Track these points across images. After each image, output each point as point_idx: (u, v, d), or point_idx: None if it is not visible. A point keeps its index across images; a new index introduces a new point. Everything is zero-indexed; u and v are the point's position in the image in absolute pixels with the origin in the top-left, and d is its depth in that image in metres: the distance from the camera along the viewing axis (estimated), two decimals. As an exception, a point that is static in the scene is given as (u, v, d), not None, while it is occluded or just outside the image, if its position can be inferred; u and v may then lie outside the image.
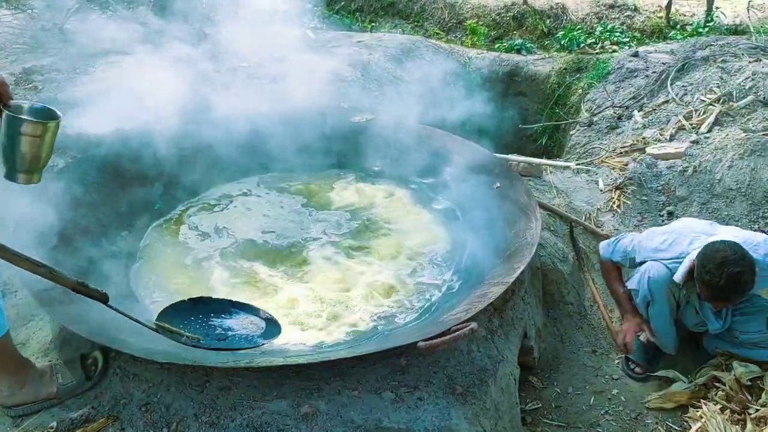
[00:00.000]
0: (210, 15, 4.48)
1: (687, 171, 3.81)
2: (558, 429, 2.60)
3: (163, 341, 2.04)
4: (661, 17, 7.18)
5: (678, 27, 7.01)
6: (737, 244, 2.39)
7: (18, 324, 2.40)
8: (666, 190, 3.80)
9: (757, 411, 2.44)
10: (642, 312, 2.73)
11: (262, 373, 2.08)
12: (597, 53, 6.24)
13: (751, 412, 2.46)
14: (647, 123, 4.53)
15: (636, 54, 5.50)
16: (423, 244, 3.11)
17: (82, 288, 1.84)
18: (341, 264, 2.94)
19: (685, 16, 7.25)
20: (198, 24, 4.41)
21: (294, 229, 3.21)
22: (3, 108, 1.74)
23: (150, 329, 2.00)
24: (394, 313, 2.65)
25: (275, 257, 2.98)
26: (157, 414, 1.99)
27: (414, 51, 5.85)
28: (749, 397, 2.53)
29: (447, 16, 7.81)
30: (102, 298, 1.89)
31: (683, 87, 4.74)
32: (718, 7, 6.97)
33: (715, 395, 2.58)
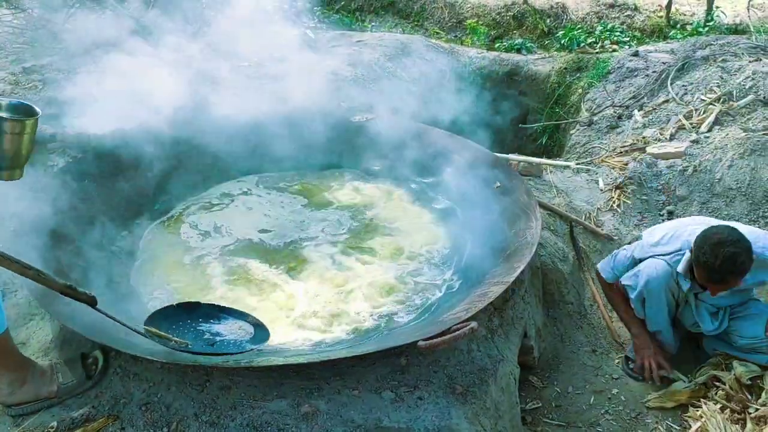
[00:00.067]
0: (210, 15, 4.48)
1: (687, 170, 3.81)
2: (558, 428, 2.60)
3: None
4: (662, 17, 7.18)
5: (678, 26, 7.02)
6: (735, 228, 2.40)
7: (18, 324, 2.40)
8: (666, 189, 3.80)
9: (757, 410, 2.44)
10: (636, 310, 2.72)
11: (262, 373, 2.08)
12: (597, 53, 6.24)
13: (751, 411, 2.45)
14: (647, 122, 4.53)
15: (636, 53, 5.51)
16: (423, 243, 3.11)
17: (70, 291, 1.84)
18: (341, 263, 2.94)
19: (685, 15, 7.25)
20: (198, 24, 4.41)
21: (294, 229, 3.21)
22: None
23: (138, 333, 2.00)
24: (394, 313, 2.65)
25: (275, 256, 2.98)
26: (158, 413, 1.99)
27: (414, 50, 5.85)
28: (749, 397, 2.52)
29: (447, 15, 7.81)
30: (90, 301, 1.88)
31: (683, 86, 4.74)
32: (718, 7, 6.97)
33: (715, 394, 2.57)
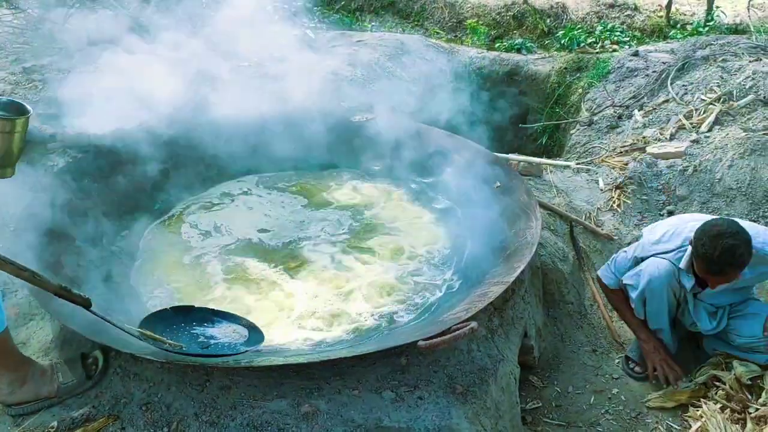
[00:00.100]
0: (210, 15, 4.48)
1: (687, 170, 3.81)
2: (558, 428, 2.60)
3: (163, 341, 2.05)
4: (662, 16, 7.18)
5: (678, 26, 7.01)
6: (734, 221, 2.41)
7: (18, 323, 2.40)
8: (666, 189, 3.80)
9: (757, 410, 2.44)
10: (636, 309, 2.72)
11: (262, 373, 2.08)
12: (597, 52, 6.24)
13: (751, 411, 2.45)
14: (647, 122, 4.53)
15: (636, 53, 5.51)
16: (423, 243, 3.11)
17: (64, 293, 1.83)
18: (341, 263, 2.94)
19: (686, 15, 7.25)
20: (198, 23, 4.41)
21: (294, 228, 3.21)
22: None
23: (133, 336, 2.00)
24: (394, 313, 2.65)
25: (275, 256, 2.98)
26: (158, 413, 1.99)
27: (414, 50, 5.85)
28: (749, 396, 2.52)
29: (447, 15, 7.81)
30: (84, 303, 1.87)
31: (683, 86, 4.74)
32: (718, 7, 6.97)
33: (715, 394, 2.57)
